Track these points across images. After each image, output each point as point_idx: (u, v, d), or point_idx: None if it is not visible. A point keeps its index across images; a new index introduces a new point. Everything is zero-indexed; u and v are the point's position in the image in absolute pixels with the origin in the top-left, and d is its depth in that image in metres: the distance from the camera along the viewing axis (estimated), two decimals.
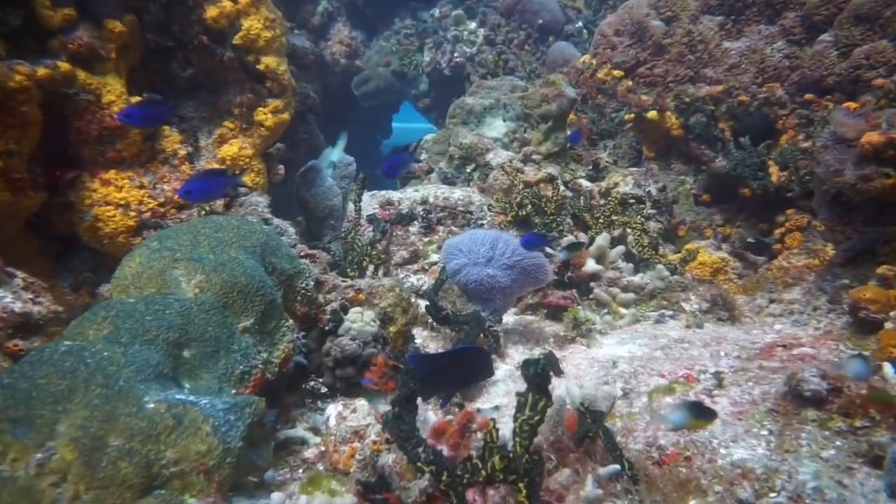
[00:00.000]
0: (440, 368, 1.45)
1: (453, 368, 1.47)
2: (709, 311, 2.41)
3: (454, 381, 1.52)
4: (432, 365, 1.48)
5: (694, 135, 3.83)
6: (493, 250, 2.26)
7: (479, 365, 1.53)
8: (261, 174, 2.47)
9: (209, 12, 2.32)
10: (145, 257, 1.59)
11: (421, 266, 3.02)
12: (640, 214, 2.82)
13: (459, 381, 1.54)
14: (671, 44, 3.98)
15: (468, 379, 1.59)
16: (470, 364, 1.51)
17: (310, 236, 2.80)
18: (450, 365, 1.48)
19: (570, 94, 3.60)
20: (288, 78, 2.47)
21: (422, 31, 6.20)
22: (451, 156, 3.62)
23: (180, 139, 2.32)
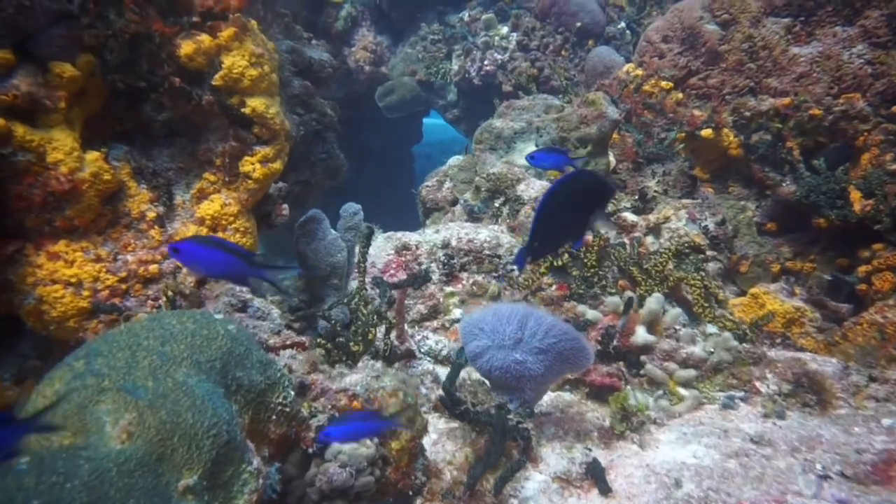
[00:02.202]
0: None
1: None
2: (791, 395, 1.95)
3: None
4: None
5: (756, 155, 3.33)
6: (521, 330, 1.84)
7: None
8: (248, 234, 2.11)
9: (183, 49, 1.96)
10: (64, 385, 1.24)
11: (441, 323, 2.63)
12: (699, 268, 2.36)
13: None
14: (728, 51, 3.48)
15: None
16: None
17: (310, 296, 2.43)
18: None
19: (613, 114, 3.15)
20: (280, 121, 2.10)
21: (450, 37, 5.79)
22: (477, 187, 3.21)
23: (150, 197, 1.97)
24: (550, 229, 1.61)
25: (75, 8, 1.80)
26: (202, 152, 2.09)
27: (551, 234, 1.63)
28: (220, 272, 1.59)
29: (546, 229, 1.60)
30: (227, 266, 1.52)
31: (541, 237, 1.61)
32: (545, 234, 1.61)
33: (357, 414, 1.49)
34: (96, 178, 1.81)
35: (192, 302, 1.76)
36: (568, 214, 1.61)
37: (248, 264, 1.54)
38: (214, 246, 1.52)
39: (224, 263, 1.51)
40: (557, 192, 1.59)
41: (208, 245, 1.52)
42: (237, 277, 1.57)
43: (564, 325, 1.85)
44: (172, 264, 1.89)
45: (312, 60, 5.02)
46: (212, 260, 1.51)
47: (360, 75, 6.64)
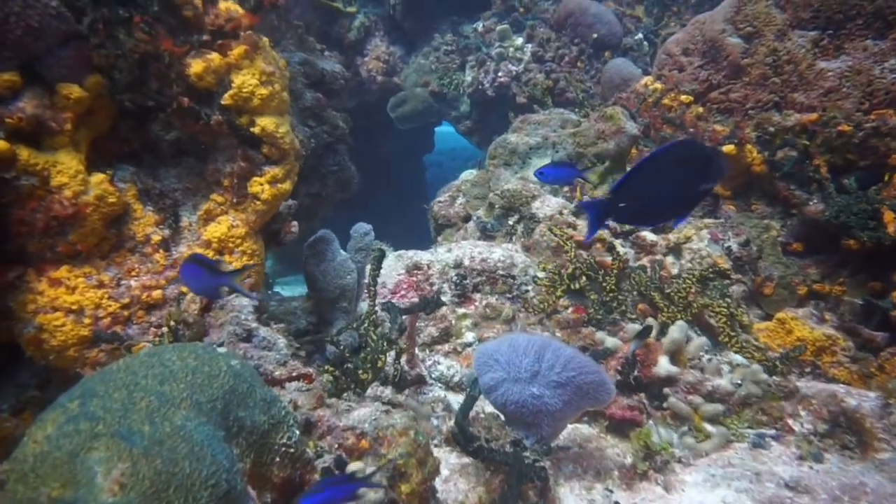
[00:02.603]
0: None
1: None
2: (828, 436, 1.84)
3: None
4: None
5: (782, 172, 3.22)
6: (538, 362, 1.75)
7: None
8: (255, 256, 2.03)
9: (193, 68, 1.89)
10: (56, 429, 1.16)
11: (453, 347, 2.54)
12: (724, 294, 2.26)
13: None
14: (752, 64, 3.38)
15: None
16: None
17: (318, 319, 2.35)
18: None
19: (632, 130, 3.05)
20: (289, 141, 2.02)
21: (463, 48, 5.72)
22: (491, 203, 3.12)
23: (155, 220, 1.90)
24: (642, 191, 1.43)
25: (84, 28, 1.74)
26: (210, 172, 2.03)
27: (641, 196, 1.44)
28: (197, 287, 1.64)
29: (637, 188, 1.43)
30: (203, 278, 1.59)
31: (629, 195, 1.43)
32: (635, 193, 1.43)
33: (332, 479, 1.40)
34: (101, 202, 1.75)
35: (196, 331, 1.69)
36: (667, 183, 1.43)
37: (214, 273, 1.61)
38: (192, 262, 1.61)
39: (199, 277, 1.57)
40: (659, 155, 1.44)
41: (189, 262, 1.61)
42: (211, 291, 1.63)
43: (584, 358, 1.76)
44: (176, 290, 1.83)
45: (325, 72, 4.97)
46: (190, 276, 1.59)
47: (373, 85, 6.59)
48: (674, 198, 1.45)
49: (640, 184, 1.42)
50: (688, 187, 1.44)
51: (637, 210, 1.45)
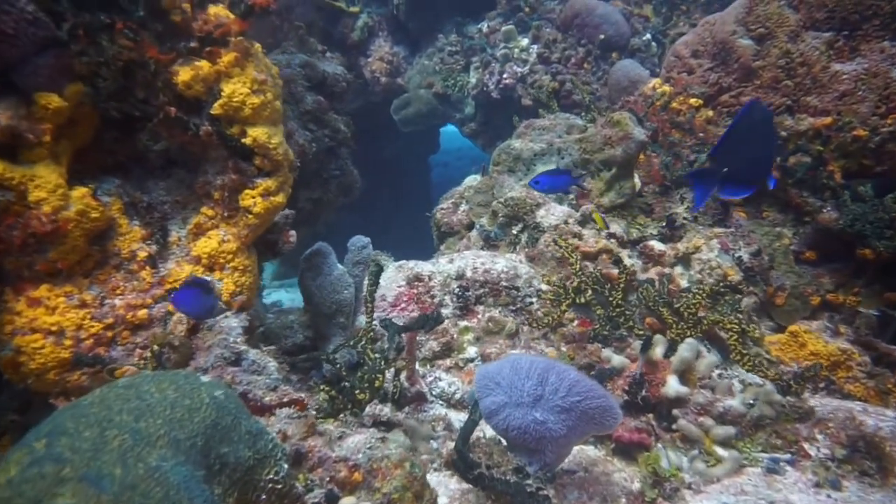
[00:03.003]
0: None
1: None
2: (846, 461, 1.75)
3: None
4: None
5: (794, 179, 3.12)
6: (541, 386, 1.67)
7: None
8: (247, 272, 1.96)
9: (181, 76, 1.82)
10: (20, 472, 1.08)
11: (454, 362, 2.46)
12: (735, 309, 2.16)
13: None
14: (763, 67, 3.27)
15: None
16: None
17: (315, 334, 2.28)
18: None
19: (639, 136, 2.96)
20: (283, 152, 1.95)
21: (468, 49, 5.63)
22: (494, 211, 3.04)
23: (142, 235, 1.83)
24: (737, 153, 1.52)
25: (64, 34, 1.67)
26: (200, 185, 1.95)
27: (738, 159, 1.53)
28: (188, 307, 1.65)
29: (732, 151, 1.52)
30: (195, 301, 1.63)
31: (726, 160, 1.52)
32: (732, 157, 1.52)
33: None
34: (83, 217, 1.68)
35: (182, 354, 1.62)
36: (755, 142, 1.54)
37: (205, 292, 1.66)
38: (187, 285, 1.66)
39: (190, 299, 1.53)
40: (745, 114, 1.54)
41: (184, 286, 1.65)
42: (205, 312, 1.64)
43: (589, 381, 1.67)
44: (163, 309, 1.75)
45: (326, 74, 4.89)
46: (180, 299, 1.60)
47: (376, 87, 6.51)
48: (763, 155, 1.58)
49: (734, 146, 1.51)
50: (769, 144, 1.57)
51: (737, 172, 1.55)
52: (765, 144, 1.56)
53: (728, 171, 1.52)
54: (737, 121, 1.50)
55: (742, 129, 1.50)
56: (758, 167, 1.59)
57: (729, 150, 1.51)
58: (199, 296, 1.60)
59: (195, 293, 1.61)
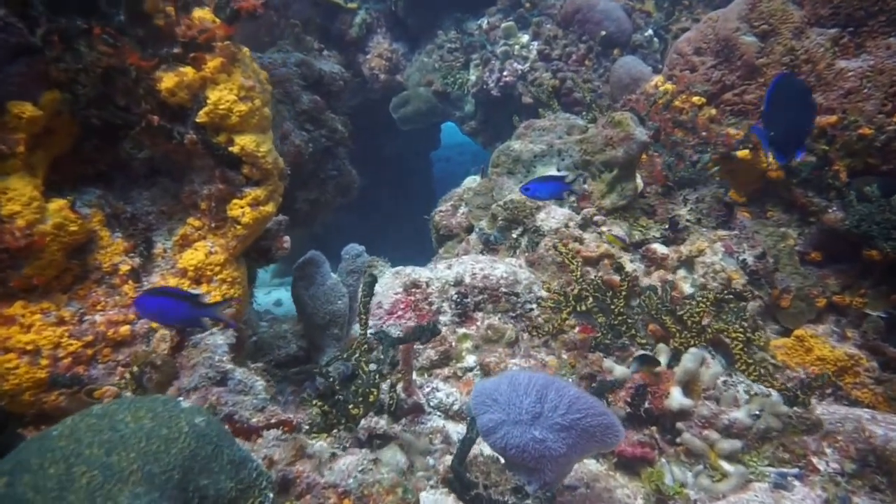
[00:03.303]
0: None
1: None
2: (857, 476, 1.69)
3: None
4: None
5: (799, 179, 3.05)
6: (540, 403, 1.61)
7: None
8: (236, 284, 1.90)
9: (165, 82, 1.76)
10: None
11: (453, 371, 2.40)
12: (741, 317, 2.10)
13: None
14: (767, 64, 3.20)
15: None
16: None
17: (309, 345, 2.22)
18: None
19: (641, 136, 2.89)
20: (272, 160, 1.89)
21: (467, 46, 5.56)
22: (493, 215, 2.98)
23: (124, 248, 1.77)
24: (781, 119, 1.66)
25: (38, 41, 1.61)
26: (186, 195, 1.89)
27: (787, 122, 1.67)
28: (169, 319, 1.61)
29: (777, 117, 1.66)
30: (174, 311, 1.55)
31: (773, 125, 1.66)
32: (785, 122, 1.66)
33: None
34: (60, 231, 1.62)
35: (165, 373, 1.56)
36: (794, 108, 1.69)
37: (193, 306, 1.56)
38: (162, 295, 1.56)
39: (170, 310, 1.55)
40: (781, 83, 1.69)
41: (157, 295, 1.55)
42: (188, 321, 1.60)
43: (589, 398, 1.61)
44: (146, 325, 1.69)
45: (323, 73, 4.83)
46: (159, 309, 1.55)
47: (375, 84, 6.44)
48: (802, 125, 1.73)
49: (777, 113, 1.64)
50: (808, 114, 1.75)
51: (786, 134, 1.69)
52: (804, 114, 1.70)
53: (774, 135, 1.65)
54: (774, 89, 1.65)
55: (783, 97, 1.62)
56: (797, 135, 1.72)
57: (773, 116, 1.65)
58: (169, 304, 1.54)
59: (164, 301, 1.55)
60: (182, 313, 1.57)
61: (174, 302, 1.56)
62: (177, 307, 1.56)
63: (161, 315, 1.58)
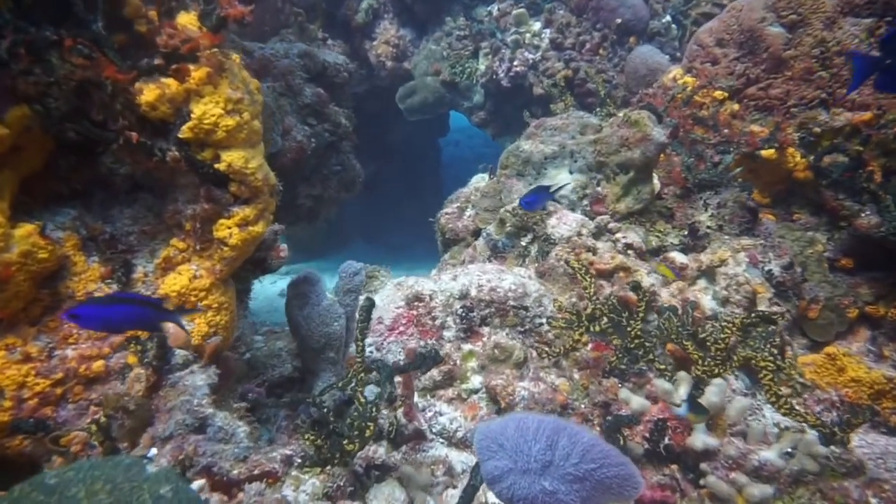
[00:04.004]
0: None
1: None
2: None
3: None
4: None
5: (829, 180, 2.86)
6: (551, 450, 1.46)
7: None
8: (223, 310, 1.76)
9: (145, 95, 1.61)
10: None
11: (457, 393, 2.26)
12: (769, 342, 1.93)
13: None
14: (795, 56, 3.00)
15: None
16: None
17: (303, 368, 2.09)
18: None
19: (658, 137, 2.71)
20: (262, 177, 1.74)
21: (477, 34, 5.35)
22: (501, 220, 2.81)
23: (101, 273, 1.63)
24: None
25: (3, 53, 1.46)
26: (169, 214, 1.75)
27: None
28: (130, 325, 1.47)
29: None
30: (136, 317, 1.41)
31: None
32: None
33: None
34: (28, 259, 1.49)
35: (139, 418, 1.43)
36: None
37: (156, 310, 1.46)
38: (116, 302, 1.42)
39: (132, 316, 1.40)
40: None
41: (110, 303, 1.42)
42: (149, 325, 1.49)
43: (605, 446, 1.46)
44: (122, 359, 1.56)
45: (327, 64, 4.66)
46: (116, 317, 1.39)
47: (382, 71, 6.25)
48: None
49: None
50: None
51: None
52: None
53: (891, 62, 1.60)
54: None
55: None
56: None
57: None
58: (121, 311, 1.39)
59: (116, 309, 1.40)
60: (144, 318, 1.43)
61: (132, 308, 1.41)
62: (136, 312, 1.41)
63: (115, 323, 1.41)
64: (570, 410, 2.07)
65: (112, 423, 1.39)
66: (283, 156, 3.99)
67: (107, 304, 1.40)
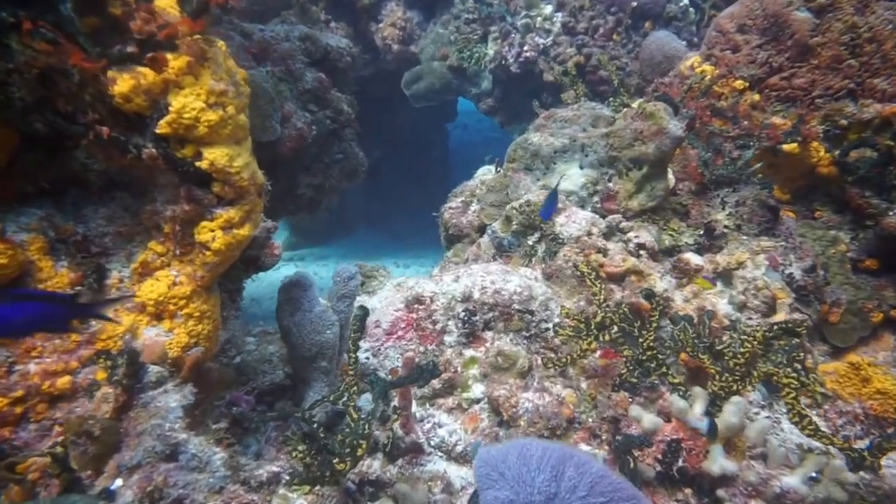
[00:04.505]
0: None
1: None
2: None
3: None
4: None
5: (855, 176, 2.70)
6: (556, 481, 1.34)
7: None
8: (205, 319, 1.64)
9: (119, 86, 1.47)
10: None
11: (457, 402, 2.14)
12: (795, 359, 1.79)
13: None
14: (822, 44, 2.82)
15: None
16: None
17: (294, 377, 1.97)
18: None
19: (675, 131, 2.55)
20: (248, 176, 1.60)
21: (486, 17, 5.16)
22: (508, 217, 2.68)
23: (70, 279, 1.51)
24: None
25: None
26: (147, 216, 1.62)
27: None
28: (36, 327, 1.33)
29: None
30: (42, 318, 1.27)
31: None
32: None
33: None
34: None
35: (105, 444, 1.31)
36: None
37: (69, 308, 1.33)
38: (14, 300, 1.26)
39: (37, 317, 1.25)
40: None
41: (10, 301, 1.25)
42: (58, 326, 1.34)
43: (614, 479, 1.34)
44: (91, 375, 1.44)
45: (329, 48, 4.50)
46: (18, 318, 1.23)
47: (388, 55, 6.08)
48: None
49: None
50: None
51: None
52: None
53: None
54: None
55: None
56: None
57: None
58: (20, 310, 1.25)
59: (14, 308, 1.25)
60: (52, 318, 1.29)
61: (29, 305, 1.26)
62: (42, 312, 1.27)
63: (18, 326, 1.26)
64: (576, 424, 1.95)
65: (71, 452, 1.28)
66: (283, 144, 3.86)
67: (8, 303, 1.25)
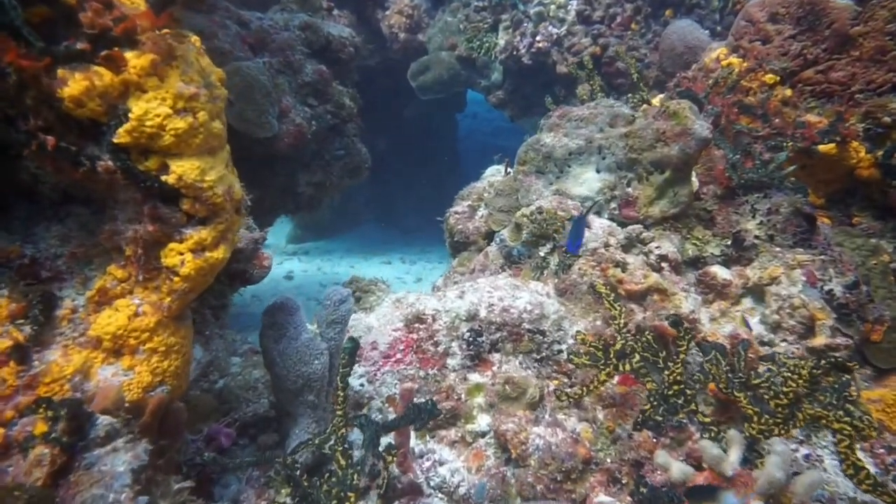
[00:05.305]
0: None
1: None
2: None
3: None
4: None
5: None
6: None
7: None
8: (173, 353, 1.45)
9: (69, 88, 1.28)
10: None
11: (460, 435, 1.94)
12: (844, 399, 1.57)
13: None
14: (864, 33, 2.58)
15: None
16: None
17: (278, 411, 1.78)
18: None
19: (700, 132, 2.32)
20: (222, 191, 1.41)
21: (497, 5, 4.92)
22: (518, 225, 2.46)
23: (11, 311, 1.32)
24: None
25: None
26: (105, 236, 1.43)
27: None
28: None
29: None
30: None
31: None
32: None
33: None
34: None
35: None
36: None
37: None
38: None
39: None
40: None
41: None
42: None
43: None
44: (28, 429, 1.25)
45: (331, 38, 4.27)
46: None
47: (395, 44, 5.86)
48: None
49: None
50: None
51: None
52: None
53: None
54: None
55: None
56: None
57: None
58: None
59: None
60: None
61: None
62: None
63: None
64: (593, 466, 1.74)
65: None
66: (280, 140, 3.66)
67: None
